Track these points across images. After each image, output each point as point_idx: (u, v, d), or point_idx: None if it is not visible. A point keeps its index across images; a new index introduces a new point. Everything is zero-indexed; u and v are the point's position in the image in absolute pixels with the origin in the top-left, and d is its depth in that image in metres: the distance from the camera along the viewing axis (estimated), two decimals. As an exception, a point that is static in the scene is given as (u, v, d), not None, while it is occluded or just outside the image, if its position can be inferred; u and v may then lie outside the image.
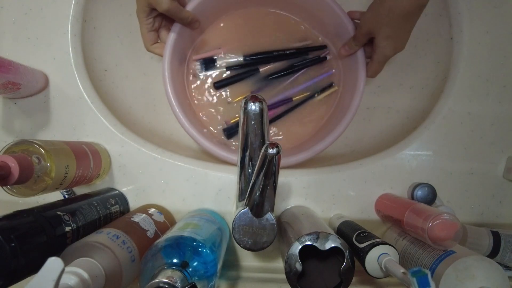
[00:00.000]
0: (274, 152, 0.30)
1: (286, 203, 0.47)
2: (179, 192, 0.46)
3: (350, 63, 0.49)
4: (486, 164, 0.47)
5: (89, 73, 0.47)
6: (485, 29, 0.47)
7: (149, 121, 0.53)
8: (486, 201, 0.47)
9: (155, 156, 0.46)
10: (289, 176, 0.47)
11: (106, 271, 0.30)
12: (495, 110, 0.47)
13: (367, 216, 0.47)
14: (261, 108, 0.37)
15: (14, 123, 0.47)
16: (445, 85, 0.48)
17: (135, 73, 0.53)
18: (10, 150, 0.33)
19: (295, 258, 0.32)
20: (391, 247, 0.34)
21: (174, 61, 0.47)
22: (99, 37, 0.50)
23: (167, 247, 0.31)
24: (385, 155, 0.48)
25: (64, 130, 0.47)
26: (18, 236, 0.28)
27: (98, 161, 0.43)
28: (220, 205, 0.46)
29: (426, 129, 0.48)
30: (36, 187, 0.34)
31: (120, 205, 0.44)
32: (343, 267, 0.32)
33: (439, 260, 0.34)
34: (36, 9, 0.46)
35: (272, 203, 0.35)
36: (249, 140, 0.37)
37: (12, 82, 0.41)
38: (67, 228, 0.34)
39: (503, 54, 0.48)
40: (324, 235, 0.32)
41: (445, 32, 0.49)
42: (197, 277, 0.31)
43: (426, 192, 0.45)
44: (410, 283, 0.25)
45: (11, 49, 0.46)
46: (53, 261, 0.21)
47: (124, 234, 0.35)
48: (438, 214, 0.34)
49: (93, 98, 0.47)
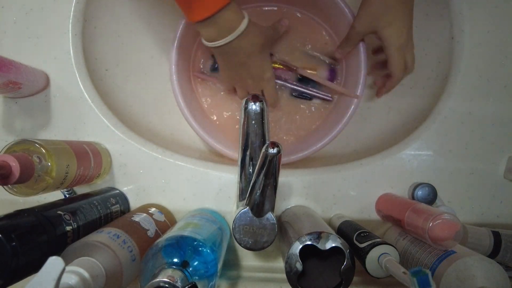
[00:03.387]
0: (275, 152, 0.30)
1: (287, 203, 0.47)
2: (180, 192, 0.47)
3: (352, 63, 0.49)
4: (487, 164, 0.47)
5: (89, 72, 0.47)
6: (486, 29, 0.47)
7: (149, 120, 0.53)
8: (486, 201, 0.47)
9: (155, 155, 0.46)
10: (290, 176, 0.47)
11: (106, 270, 0.30)
12: (496, 110, 0.47)
13: (367, 216, 0.47)
14: (262, 108, 0.37)
15: (15, 123, 0.47)
16: (446, 85, 0.48)
17: (136, 72, 0.53)
18: (11, 150, 0.33)
19: (295, 258, 0.32)
20: (392, 247, 0.34)
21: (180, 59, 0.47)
22: (100, 36, 0.50)
23: (167, 247, 0.31)
24: (385, 155, 0.48)
25: (65, 130, 0.47)
26: (19, 236, 0.28)
27: (98, 160, 0.43)
28: (221, 204, 0.46)
29: (427, 129, 0.48)
30: (37, 186, 0.34)
31: (120, 205, 0.44)
32: (344, 267, 0.32)
33: (439, 260, 0.34)
34: (37, 9, 0.46)
35: (272, 203, 0.35)
36: (250, 139, 0.38)
37: (13, 82, 0.41)
38: (68, 227, 0.34)
39: (504, 54, 0.47)
40: (325, 235, 0.32)
41: (446, 32, 0.49)
42: (198, 277, 0.31)
43: (426, 192, 0.45)
44: (410, 283, 0.25)
45: (12, 49, 0.46)
46: (54, 261, 0.21)
47: (125, 234, 0.35)
48: (438, 214, 0.34)
49: (94, 98, 0.47)
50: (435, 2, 0.49)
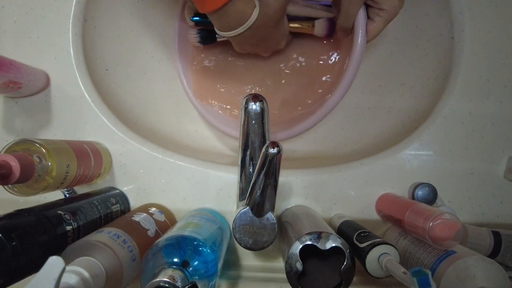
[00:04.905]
0: (275, 152, 0.30)
1: (287, 203, 0.47)
2: (180, 192, 0.47)
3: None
4: (487, 164, 0.47)
5: (90, 72, 0.47)
6: (487, 28, 0.47)
7: (150, 120, 0.53)
8: (487, 201, 0.47)
9: (155, 155, 0.46)
10: (290, 176, 0.47)
11: (106, 270, 0.30)
12: (496, 110, 0.47)
13: (367, 216, 0.47)
14: (262, 108, 0.37)
15: (15, 122, 0.47)
16: (446, 85, 0.48)
17: (136, 72, 0.54)
18: (11, 149, 0.33)
19: (295, 258, 0.32)
20: (392, 247, 0.34)
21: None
22: (100, 36, 0.50)
23: (167, 247, 0.31)
24: (386, 155, 0.47)
25: (65, 129, 0.47)
26: (19, 235, 0.28)
27: (99, 160, 0.43)
28: (221, 204, 0.46)
29: (427, 129, 0.48)
30: (37, 186, 0.34)
31: (120, 205, 0.44)
32: (344, 266, 0.32)
33: (439, 260, 0.34)
34: (37, 8, 0.47)
35: (272, 203, 0.35)
36: (250, 139, 0.38)
37: (14, 81, 0.41)
38: (68, 227, 0.34)
39: (504, 53, 0.47)
40: (325, 234, 0.32)
41: (446, 32, 0.49)
42: (198, 277, 0.31)
43: (426, 192, 0.45)
44: (410, 283, 0.25)
45: (12, 48, 0.46)
46: (54, 260, 0.21)
47: (125, 234, 0.35)
48: (438, 214, 0.34)
49: (94, 98, 0.47)
50: (435, 2, 0.49)
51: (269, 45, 0.45)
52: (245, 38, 0.41)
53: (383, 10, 0.40)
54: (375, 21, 0.41)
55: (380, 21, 0.41)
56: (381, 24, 0.41)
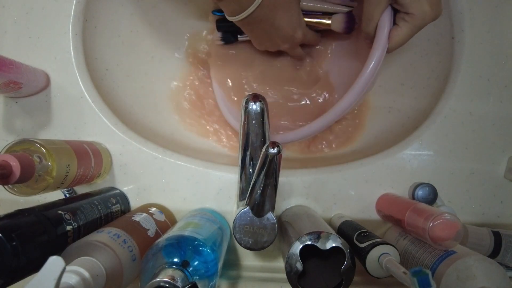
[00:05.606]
0: (275, 152, 0.30)
1: (287, 203, 0.47)
2: (180, 192, 0.47)
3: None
4: (488, 164, 0.47)
5: (90, 72, 0.47)
6: (487, 28, 0.47)
7: (150, 120, 0.53)
8: (487, 201, 0.47)
9: (156, 155, 0.46)
10: (290, 176, 0.47)
11: (107, 270, 0.30)
12: (496, 110, 0.47)
13: (368, 216, 0.47)
14: (262, 108, 0.37)
15: (15, 122, 0.47)
16: (446, 85, 0.48)
17: (136, 72, 0.53)
18: (12, 149, 0.33)
19: (295, 258, 0.32)
20: (392, 247, 0.34)
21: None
22: (100, 36, 0.50)
23: (168, 246, 0.31)
24: (386, 155, 0.47)
25: (65, 129, 0.47)
26: (19, 235, 0.28)
27: (99, 160, 0.43)
28: (221, 204, 0.46)
29: (427, 129, 0.48)
30: (37, 186, 0.34)
31: (121, 204, 0.44)
32: (344, 266, 0.32)
33: (440, 260, 0.34)
34: (38, 8, 0.47)
35: (272, 203, 0.35)
36: (250, 139, 0.38)
37: (14, 81, 0.41)
38: (68, 227, 0.34)
39: (504, 53, 0.47)
40: (325, 234, 0.32)
41: (446, 32, 0.49)
42: (198, 277, 0.31)
43: (427, 192, 0.45)
44: (411, 283, 0.25)
45: (13, 48, 0.46)
46: (54, 260, 0.21)
47: (125, 233, 0.35)
48: (439, 214, 0.34)
49: (94, 98, 0.47)
50: (436, 2, 0.49)
51: (284, 31, 0.43)
52: (257, 22, 0.40)
53: (410, 14, 0.35)
54: (400, 27, 0.37)
55: (405, 26, 0.36)
56: (407, 31, 0.36)
